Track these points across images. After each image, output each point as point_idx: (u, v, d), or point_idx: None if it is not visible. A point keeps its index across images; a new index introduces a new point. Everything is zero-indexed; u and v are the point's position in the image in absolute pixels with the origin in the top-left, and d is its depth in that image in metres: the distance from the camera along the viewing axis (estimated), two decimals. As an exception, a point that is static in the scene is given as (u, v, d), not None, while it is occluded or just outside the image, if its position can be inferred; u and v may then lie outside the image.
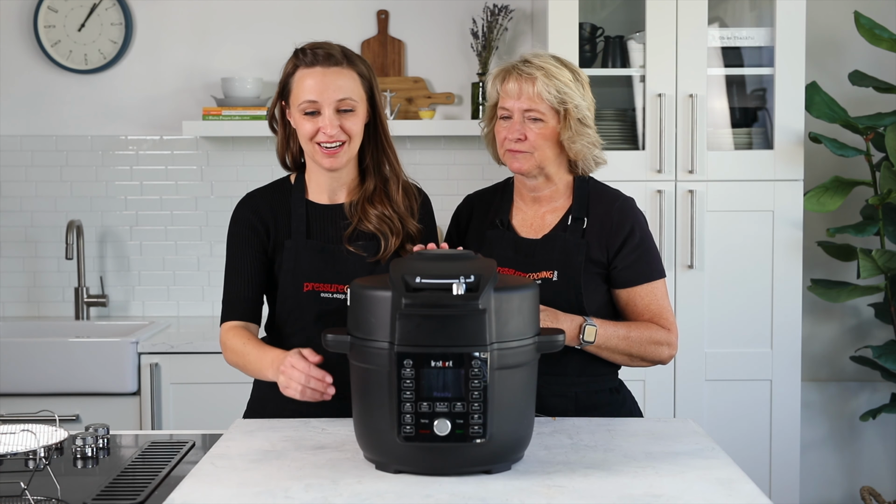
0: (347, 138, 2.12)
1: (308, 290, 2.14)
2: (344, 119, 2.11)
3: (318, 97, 2.09)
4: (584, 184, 2.24)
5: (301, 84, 2.11)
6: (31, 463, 1.89)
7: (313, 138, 2.11)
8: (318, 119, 2.10)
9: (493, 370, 1.66)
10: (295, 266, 2.15)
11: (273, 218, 2.19)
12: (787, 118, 3.29)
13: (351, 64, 2.13)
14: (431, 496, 1.61)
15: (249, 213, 2.20)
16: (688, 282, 3.30)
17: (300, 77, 2.12)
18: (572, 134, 2.16)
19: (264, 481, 1.69)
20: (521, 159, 2.17)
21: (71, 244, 3.55)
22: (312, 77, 2.10)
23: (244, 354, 2.09)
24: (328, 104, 2.09)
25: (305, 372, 1.92)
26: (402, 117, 3.69)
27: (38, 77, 3.74)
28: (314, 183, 2.21)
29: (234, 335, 2.13)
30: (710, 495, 1.63)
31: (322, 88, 2.09)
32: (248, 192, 2.25)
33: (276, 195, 2.22)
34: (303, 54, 2.13)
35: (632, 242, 2.18)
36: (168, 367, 3.22)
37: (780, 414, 3.32)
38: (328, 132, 2.09)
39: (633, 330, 2.14)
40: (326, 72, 2.10)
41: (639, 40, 3.35)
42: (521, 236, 2.23)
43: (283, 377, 1.95)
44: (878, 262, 3.31)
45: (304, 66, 2.12)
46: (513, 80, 2.16)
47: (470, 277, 1.67)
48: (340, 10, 3.75)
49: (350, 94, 2.11)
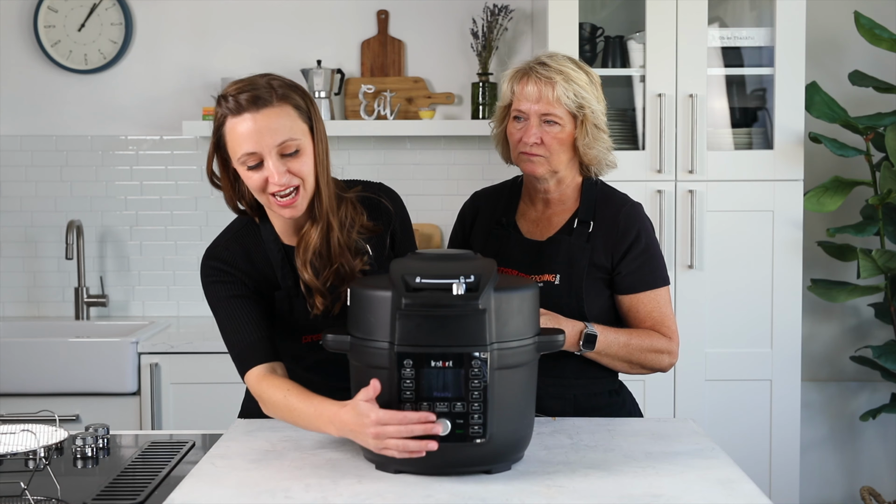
0: (300, 181, 1.89)
1: (307, 341, 2.04)
2: (290, 162, 1.88)
3: (256, 147, 1.85)
4: (593, 186, 2.22)
5: (233, 135, 1.87)
6: (31, 463, 1.89)
7: (265, 190, 1.89)
8: (263, 169, 1.87)
9: (493, 370, 1.66)
10: (291, 320, 2.02)
11: (250, 272, 1.99)
12: (787, 118, 3.29)
13: (283, 99, 1.88)
14: (432, 496, 1.61)
15: (223, 265, 1.98)
16: (688, 282, 3.30)
17: (231, 127, 1.87)
18: (589, 140, 2.15)
19: (264, 481, 1.69)
20: (537, 163, 2.15)
21: (71, 244, 3.55)
22: (243, 125, 1.85)
23: (290, 410, 1.83)
24: (268, 152, 1.86)
25: (402, 422, 1.65)
26: (402, 117, 3.69)
27: (38, 77, 3.74)
28: (280, 224, 2.01)
29: (267, 386, 1.88)
30: (710, 495, 1.63)
31: (257, 137, 1.85)
32: (211, 245, 2.02)
33: (244, 245, 2.01)
34: (225, 101, 1.88)
35: (637, 248, 2.16)
36: (168, 367, 3.22)
37: (780, 414, 3.32)
38: (276, 181, 1.86)
39: (633, 337, 2.13)
40: (257, 116, 1.85)
41: (639, 40, 3.35)
42: (526, 237, 2.22)
43: (376, 442, 1.67)
44: (878, 262, 3.31)
45: (232, 115, 1.87)
46: (532, 82, 2.13)
47: (470, 277, 1.67)
48: (340, 10, 3.75)
49: (290, 135, 1.87)
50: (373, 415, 1.66)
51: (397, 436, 1.64)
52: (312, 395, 1.81)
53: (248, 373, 1.93)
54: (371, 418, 1.66)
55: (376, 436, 1.66)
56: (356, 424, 1.69)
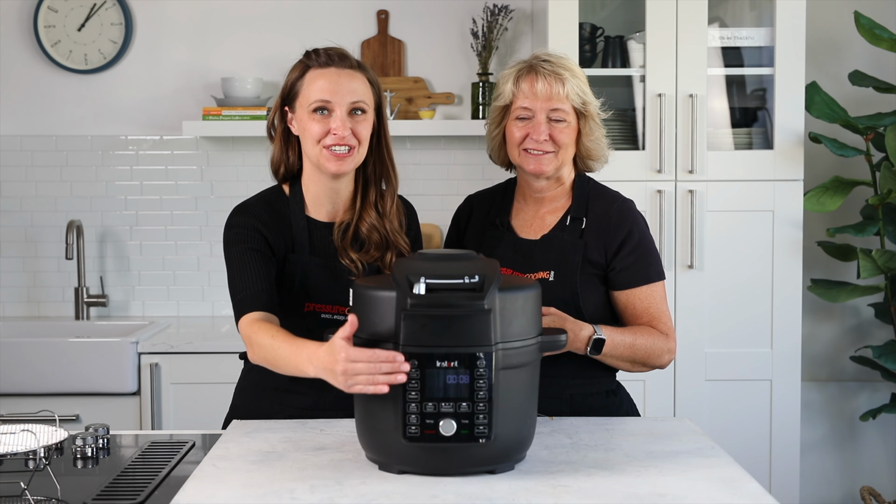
0: (356, 143, 2.06)
1: (309, 310, 2.09)
2: (355, 122, 2.05)
3: (332, 97, 2.04)
4: (584, 184, 2.23)
5: (313, 84, 2.05)
6: (31, 463, 1.88)
7: (321, 140, 2.05)
8: (329, 119, 2.04)
9: (497, 370, 1.66)
10: (300, 283, 2.08)
11: (272, 227, 2.10)
12: (787, 118, 3.29)
13: (363, 69, 2.10)
14: (437, 496, 1.61)
15: (249, 219, 2.09)
16: (688, 282, 3.30)
17: (312, 77, 2.06)
18: (593, 134, 2.18)
19: (268, 482, 1.69)
20: (546, 161, 2.15)
21: (71, 244, 3.55)
22: (326, 77, 2.05)
23: (273, 349, 1.91)
24: (341, 105, 2.04)
25: (371, 359, 1.67)
26: (402, 117, 3.69)
27: (38, 77, 3.74)
28: (312, 196, 2.14)
29: (258, 329, 1.96)
30: (714, 494, 1.63)
31: (336, 88, 2.04)
32: (241, 203, 2.15)
33: (271, 206, 2.13)
34: (316, 55, 2.08)
35: (630, 244, 2.16)
36: (168, 367, 3.21)
37: (780, 414, 3.32)
38: (340, 132, 2.03)
39: (638, 337, 2.13)
40: (341, 73, 2.06)
41: (639, 40, 3.35)
42: (520, 237, 2.22)
43: (346, 377, 1.69)
44: (878, 262, 3.31)
45: (318, 67, 2.07)
46: (540, 79, 2.14)
47: (474, 277, 1.67)
48: (340, 10, 3.75)
49: (363, 98, 2.07)
50: (343, 353, 1.69)
51: (366, 372, 1.66)
52: (299, 340, 1.87)
53: (244, 316, 2.01)
54: (342, 355, 1.69)
55: (344, 371, 1.68)
56: (329, 361, 1.72)
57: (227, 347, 3.18)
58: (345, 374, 1.69)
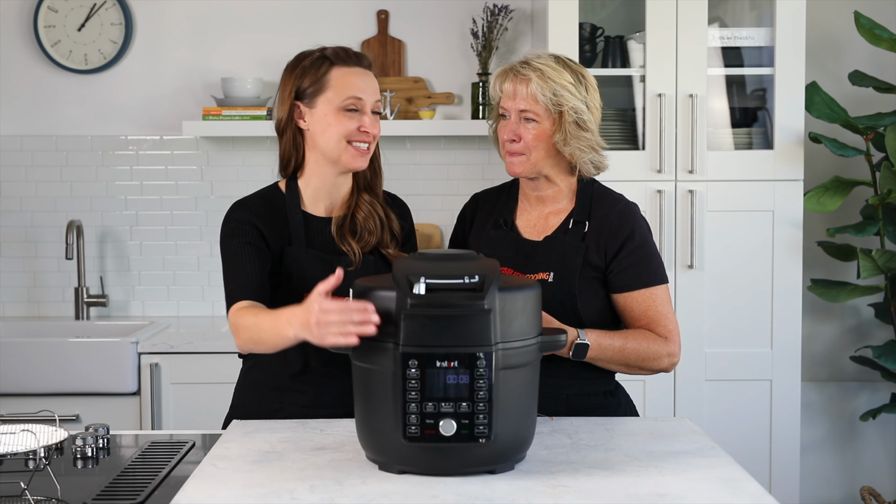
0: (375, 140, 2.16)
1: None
2: (373, 120, 2.14)
3: (365, 95, 2.11)
4: (588, 187, 2.23)
5: (344, 81, 2.11)
6: (31, 463, 1.88)
7: (349, 136, 2.11)
8: (359, 117, 2.11)
9: (497, 370, 1.66)
10: (297, 277, 2.10)
11: (269, 222, 2.13)
12: (787, 118, 3.29)
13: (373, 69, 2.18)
14: (438, 496, 1.61)
15: (246, 214, 2.13)
16: (688, 282, 3.30)
17: (341, 75, 2.11)
18: (565, 136, 2.14)
19: (268, 482, 1.69)
20: (517, 162, 2.17)
21: (71, 244, 3.55)
22: (356, 76, 2.12)
23: (257, 326, 1.93)
24: (369, 103, 2.13)
25: (341, 309, 1.69)
26: (402, 117, 3.69)
27: (38, 77, 3.74)
28: (312, 191, 2.18)
29: (244, 313, 1.99)
30: (715, 494, 1.63)
31: (366, 87, 2.12)
32: (238, 200, 2.19)
33: (268, 202, 2.16)
34: (343, 53, 2.14)
35: (630, 246, 2.15)
36: (168, 367, 3.22)
37: (780, 414, 3.32)
38: (372, 130, 2.12)
39: (630, 341, 2.11)
40: (366, 73, 2.14)
41: (639, 40, 3.35)
42: (524, 237, 2.22)
43: (319, 329, 1.71)
44: (878, 262, 3.31)
45: (344, 65, 2.12)
46: (509, 80, 2.17)
47: (474, 277, 1.67)
48: (340, 10, 3.75)
49: (379, 98, 2.17)
50: (317, 304, 1.72)
51: (337, 322, 1.68)
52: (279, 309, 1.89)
53: (234, 305, 2.03)
54: (315, 307, 1.72)
55: (317, 322, 1.71)
56: (304, 316, 1.75)
57: (227, 347, 3.18)
58: (318, 324, 1.71)
